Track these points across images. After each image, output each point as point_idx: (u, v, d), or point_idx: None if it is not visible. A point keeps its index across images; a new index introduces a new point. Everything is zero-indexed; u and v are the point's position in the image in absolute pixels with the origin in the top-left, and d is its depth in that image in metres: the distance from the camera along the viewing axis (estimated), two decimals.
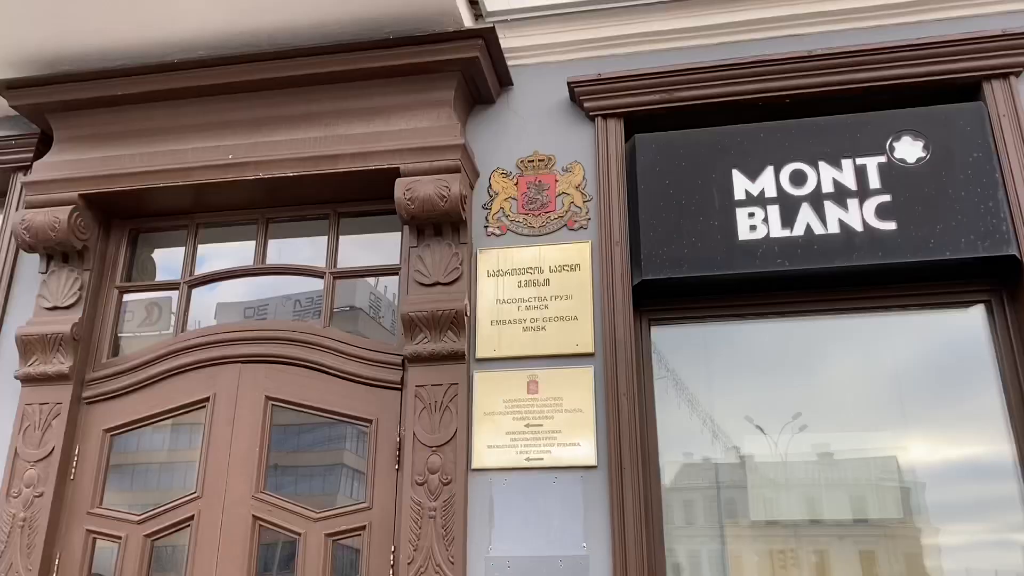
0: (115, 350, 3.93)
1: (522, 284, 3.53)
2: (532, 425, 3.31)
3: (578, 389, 3.32)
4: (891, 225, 3.29)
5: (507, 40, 3.89)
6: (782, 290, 3.42)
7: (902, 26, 3.62)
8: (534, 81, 3.87)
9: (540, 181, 3.69)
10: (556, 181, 3.68)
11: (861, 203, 3.35)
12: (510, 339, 3.45)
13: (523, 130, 3.80)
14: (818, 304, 3.42)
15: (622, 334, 3.35)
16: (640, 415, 3.30)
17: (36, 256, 3.93)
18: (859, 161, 3.41)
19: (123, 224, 4.06)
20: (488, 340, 3.47)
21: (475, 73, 3.67)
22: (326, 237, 3.87)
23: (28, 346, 3.71)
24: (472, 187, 3.72)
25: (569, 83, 3.73)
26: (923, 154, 3.38)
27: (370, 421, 3.48)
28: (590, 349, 3.38)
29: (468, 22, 3.65)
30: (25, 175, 4.08)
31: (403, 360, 3.47)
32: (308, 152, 3.64)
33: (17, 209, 4.03)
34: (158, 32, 3.68)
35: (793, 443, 3.34)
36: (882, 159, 3.40)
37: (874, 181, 3.37)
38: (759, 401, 3.40)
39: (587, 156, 3.70)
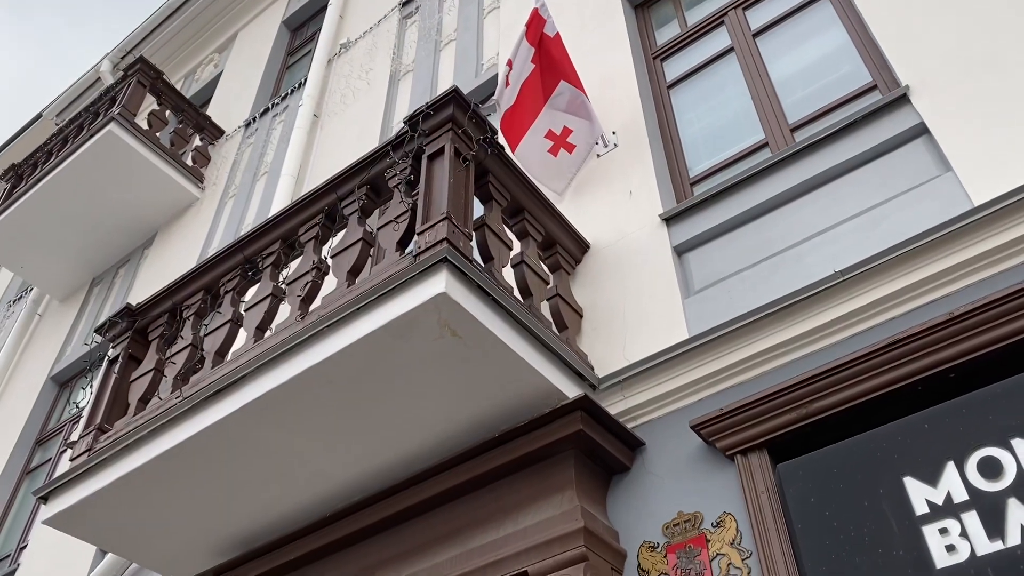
0: None
1: None
2: None
3: None
4: None
5: (627, 400, 3.67)
6: None
7: None
8: (665, 434, 3.52)
9: (690, 546, 3.16)
10: (707, 542, 3.13)
11: None
12: None
13: (662, 491, 3.37)
14: None
15: None
16: None
17: None
18: None
19: None
20: None
21: (591, 445, 3.42)
22: None
23: None
24: (620, 572, 3.26)
25: (692, 425, 3.33)
26: None
27: None
28: None
29: (574, 395, 3.50)
30: None
31: None
32: None
33: None
34: (312, 492, 3.93)
35: None
36: None
37: None
38: None
39: (736, 503, 3.15)
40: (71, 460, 4.25)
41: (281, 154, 8.03)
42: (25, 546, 6.85)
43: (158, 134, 8.79)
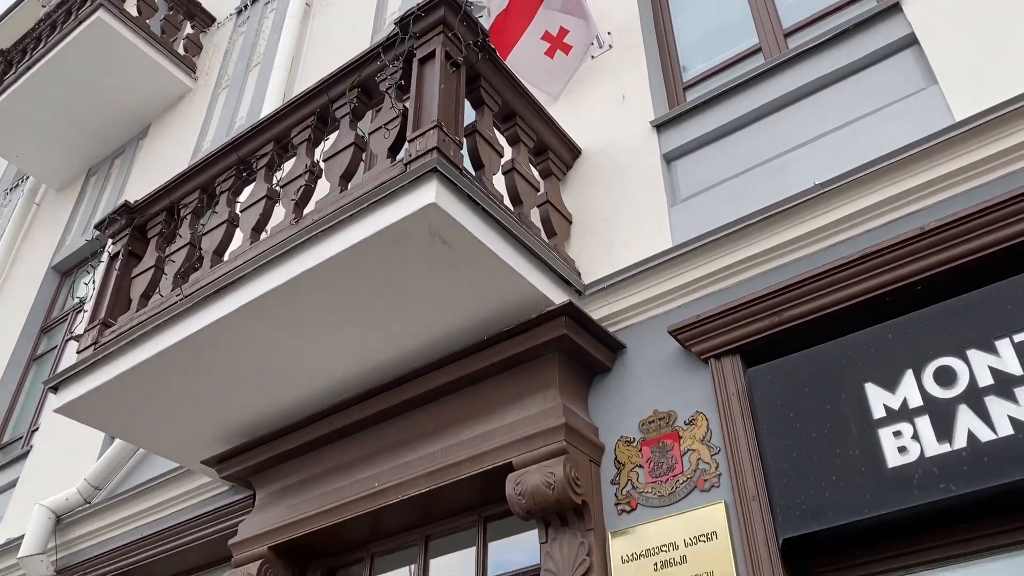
0: None
1: (658, 567, 3.11)
2: None
3: None
4: None
5: (611, 305, 3.81)
6: (965, 522, 2.67)
7: None
8: (645, 338, 3.69)
9: (663, 442, 3.38)
10: (679, 438, 3.34)
11: None
12: None
13: (639, 390, 3.57)
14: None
15: None
16: None
17: None
18: (1018, 337, 2.71)
19: (317, 565, 4.30)
20: None
21: (574, 348, 3.59)
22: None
23: None
24: (598, 464, 3.49)
25: (670, 330, 3.50)
26: None
27: None
28: None
29: (560, 301, 3.64)
30: None
31: None
32: (437, 464, 3.69)
33: None
34: (310, 387, 4.12)
35: None
36: None
37: None
38: None
39: (708, 404, 3.34)
40: (78, 352, 4.43)
41: (273, 44, 7.91)
42: (37, 428, 7.16)
43: (148, 21, 8.62)
